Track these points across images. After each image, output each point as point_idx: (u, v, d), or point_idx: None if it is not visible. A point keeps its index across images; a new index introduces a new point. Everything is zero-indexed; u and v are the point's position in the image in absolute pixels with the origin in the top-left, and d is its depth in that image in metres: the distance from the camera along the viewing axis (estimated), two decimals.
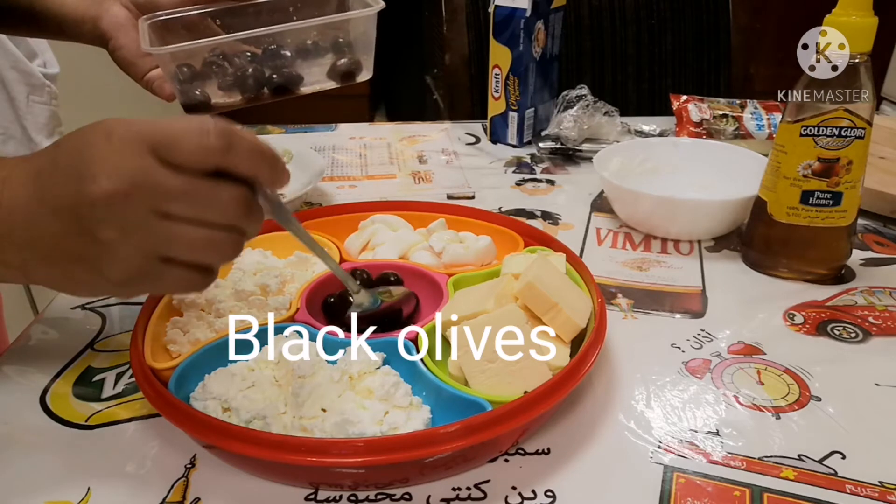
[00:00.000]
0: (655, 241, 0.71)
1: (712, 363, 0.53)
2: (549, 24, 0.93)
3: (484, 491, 0.42)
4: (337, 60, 0.61)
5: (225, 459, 0.43)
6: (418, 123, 1.08)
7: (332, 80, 0.62)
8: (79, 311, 0.60)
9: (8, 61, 1.05)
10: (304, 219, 0.65)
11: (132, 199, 0.34)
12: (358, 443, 0.39)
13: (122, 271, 0.36)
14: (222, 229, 0.37)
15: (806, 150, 0.58)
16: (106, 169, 0.34)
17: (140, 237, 0.35)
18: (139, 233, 0.35)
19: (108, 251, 0.35)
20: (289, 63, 0.60)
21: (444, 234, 0.62)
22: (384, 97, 2.98)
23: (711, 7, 1.20)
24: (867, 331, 0.56)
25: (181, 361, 0.47)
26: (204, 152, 0.35)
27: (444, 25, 1.17)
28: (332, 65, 0.61)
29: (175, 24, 0.59)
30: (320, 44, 0.61)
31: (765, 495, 0.41)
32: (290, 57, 0.60)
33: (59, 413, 0.48)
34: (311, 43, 0.60)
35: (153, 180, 0.34)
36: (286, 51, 0.59)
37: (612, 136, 0.92)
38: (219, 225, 0.37)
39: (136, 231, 0.35)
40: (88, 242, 0.35)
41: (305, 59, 0.61)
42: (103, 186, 0.34)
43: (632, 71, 1.23)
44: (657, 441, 0.45)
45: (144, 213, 0.35)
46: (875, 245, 0.70)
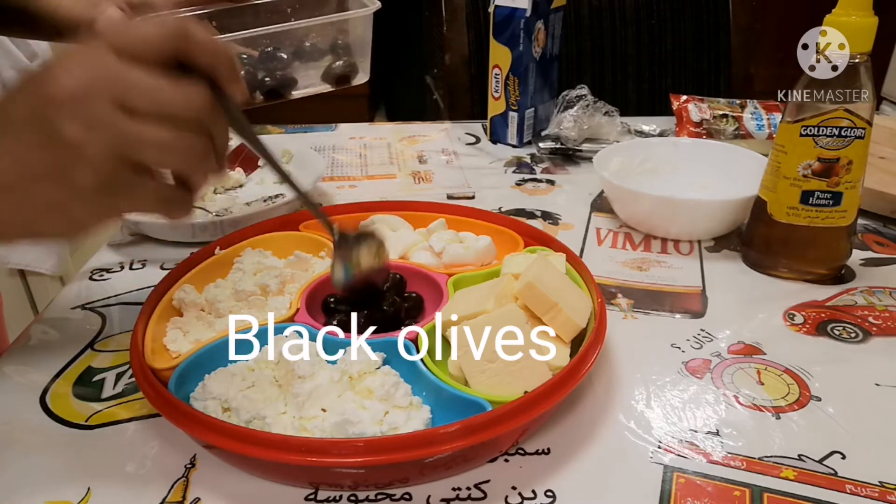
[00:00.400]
0: (655, 241, 0.71)
1: (712, 363, 0.53)
2: (549, 24, 0.93)
3: (484, 491, 0.42)
4: (333, 63, 0.61)
5: (225, 459, 0.43)
6: (418, 123, 1.08)
7: (327, 83, 0.61)
8: (79, 311, 0.60)
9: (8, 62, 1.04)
10: (304, 219, 0.65)
11: (94, 93, 0.34)
12: (358, 443, 0.39)
13: (92, 177, 0.35)
14: (188, 128, 0.36)
15: (806, 150, 0.58)
16: (67, 69, 0.34)
17: (106, 133, 0.35)
18: (105, 129, 0.34)
19: (76, 154, 0.35)
20: (285, 65, 0.60)
21: (444, 234, 0.62)
22: (384, 97, 2.98)
23: (711, 7, 1.20)
24: (867, 331, 0.56)
25: (181, 361, 0.47)
26: (161, 38, 0.35)
27: (444, 25, 1.17)
28: (328, 68, 0.61)
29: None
30: (318, 45, 0.61)
31: (765, 495, 0.41)
32: (286, 59, 0.59)
33: (59, 413, 0.48)
34: (308, 45, 0.60)
35: (114, 72, 0.34)
36: (283, 53, 0.59)
37: (612, 136, 0.92)
38: (184, 121, 0.36)
39: (102, 127, 0.34)
40: (56, 148, 0.35)
41: (302, 61, 0.61)
42: (65, 84, 0.34)
43: (632, 71, 1.23)
44: (657, 441, 0.45)
45: (108, 106, 0.34)
46: (875, 245, 0.70)
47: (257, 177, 0.85)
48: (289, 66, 0.60)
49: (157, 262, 0.68)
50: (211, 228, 0.69)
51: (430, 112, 2.17)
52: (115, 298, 0.62)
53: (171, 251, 0.69)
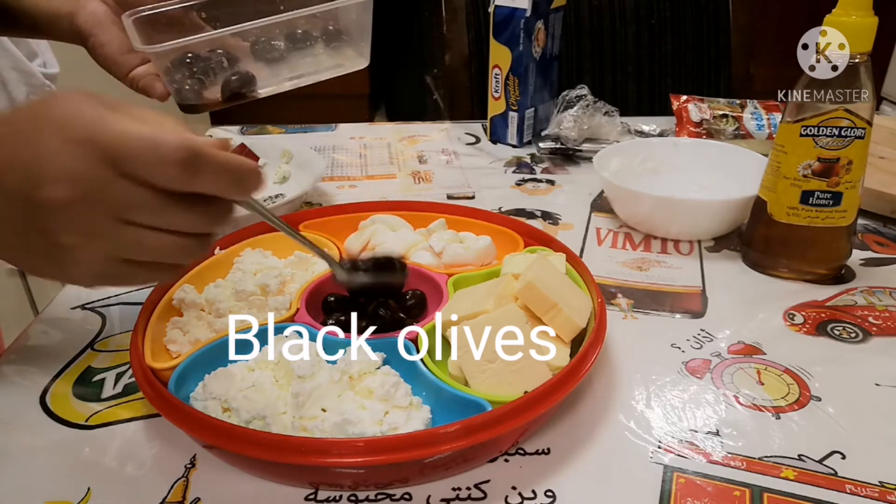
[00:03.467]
0: (655, 241, 0.71)
1: (712, 363, 0.53)
2: (549, 24, 0.93)
3: (484, 491, 0.42)
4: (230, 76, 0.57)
5: (225, 459, 0.43)
6: (418, 123, 1.08)
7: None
8: (79, 311, 0.60)
9: (8, 62, 1.04)
10: (304, 219, 0.65)
11: (91, 209, 0.33)
12: (358, 443, 0.39)
13: (86, 273, 0.35)
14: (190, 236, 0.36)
15: (806, 150, 0.58)
16: (59, 174, 0.32)
17: (103, 243, 0.34)
18: (102, 239, 0.34)
19: (70, 254, 0.34)
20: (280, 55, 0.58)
21: (444, 234, 0.62)
22: (384, 97, 2.98)
23: (711, 7, 1.20)
24: (867, 331, 0.56)
25: (181, 361, 0.47)
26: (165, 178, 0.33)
27: (444, 25, 1.17)
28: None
29: (159, 19, 0.57)
30: (312, 32, 0.59)
31: (765, 495, 0.41)
32: (282, 48, 0.58)
33: (59, 413, 0.48)
34: (300, 32, 0.58)
35: (112, 192, 0.33)
36: (278, 42, 0.58)
37: (612, 136, 0.92)
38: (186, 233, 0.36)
39: (99, 237, 0.34)
40: (50, 243, 0.34)
41: (299, 50, 0.59)
42: (58, 194, 0.32)
43: (632, 71, 1.23)
44: (657, 441, 0.45)
45: (106, 220, 0.33)
46: (875, 245, 0.70)
47: None
48: (284, 57, 0.58)
49: None
50: None
51: (430, 112, 2.17)
52: (115, 298, 0.62)
53: None
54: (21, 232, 0.35)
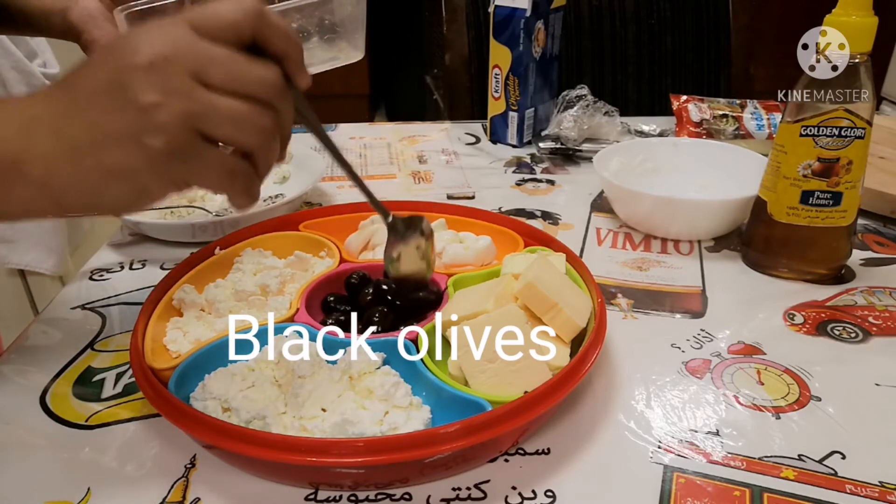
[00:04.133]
0: (655, 241, 0.71)
1: (712, 363, 0.53)
2: (549, 24, 0.93)
3: (484, 491, 0.42)
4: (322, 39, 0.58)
5: (225, 459, 0.43)
6: (418, 123, 1.08)
7: None
8: (79, 311, 0.60)
9: (8, 61, 1.05)
10: (304, 219, 0.65)
11: (172, 63, 0.35)
12: (358, 443, 0.39)
13: (163, 142, 0.35)
14: (260, 105, 0.37)
15: (806, 150, 0.58)
16: (146, 40, 0.35)
17: (181, 101, 0.35)
18: (180, 96, 0.35)
19: (149, 118, 0.35)
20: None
21: (444, 234, 0.62)
22: (384, 97, 2.98)
23: (711, 7, 1.20)
24: (867, 331, 0.56)
25: (181, 361, 0.47)
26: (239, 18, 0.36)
27: (444, 25, 1.17)
28: None
29: (152, 13, 0.56)
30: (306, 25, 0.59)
31: (765, 495, 0.41)
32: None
33: (59, 413, 0.48)
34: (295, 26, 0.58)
35: (194, 46, 0.35)
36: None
37: (612, 136, 0.92)
38: (257, 97, 0.36)
39: (177, 94, 0.35)
40: (130, 112, 0.35)
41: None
42: (144, 52, 0.35)
43: (632, 71, 1.23)
44: (657, 441, 0.45)
45: (185, 76, 0.35)
46: (875, 245, 0.70)
47: None
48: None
49: (157, 262, 0.68)
50: (211, 228, 0.69)
51: (430, 112, 2.17)
52: (115, 298, 0.62)
53: (171, 251, 0.69)
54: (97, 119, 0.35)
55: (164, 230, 0.70)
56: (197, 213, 0.74)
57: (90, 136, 0.36)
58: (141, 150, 0.35)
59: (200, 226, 0.69)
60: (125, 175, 0.36)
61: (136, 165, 0.36)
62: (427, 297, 0.54)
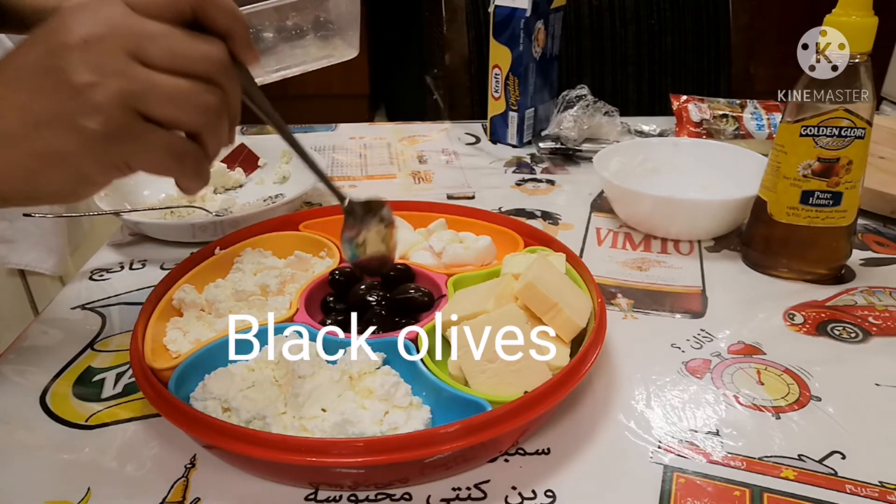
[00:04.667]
0: (655, 241, 0.71)
1: (712, 363, 0.53)
2: (549, 24, 0.93)
3: (484, 491, 0.42)
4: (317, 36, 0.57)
5: (225, 459, 0.43)
6: (418, 123, 1.08)
7: None
8: (79, 311, 0.60)
9: None
10: (304, 219, 0.65)
11: (107, 40, 0.33)
12: (358, 443, 0.39)
13: (100, 124, 0.33)
14: (202, 81, 0.35)
15: (806, 150, 0.58)
16: (78, 18, 0.34)
17: (117, 80, 0.33)
18: (116, 75, 0.33)
19: (85, 99, 0.33)
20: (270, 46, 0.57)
21: (444, 234, 0.62)
22: (384, 97, 2.98)
23: (711, 7, 1.20)
24: (867, 331, 0.56)
25: (181, 361, 0.47)
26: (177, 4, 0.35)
27: (444, 25, 1.17)
28: None
29: None
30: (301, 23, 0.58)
31: (765, 495, 0.41)
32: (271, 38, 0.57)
33: (59, 413, 0.48)
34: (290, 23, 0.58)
35: (130, 23, 0.34)
36: (267, 33, 0.57)
37: (612, 136, 0.92)
38: (199, 74, 0.35)
39: (113, 73, 0.33)
40: (63, 94, 0.33)
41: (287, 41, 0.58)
42: (76, 31, 0.33)
43: (632, 71, 1.23)
44: (657, 441, 0.45)
45: (121, 54, 0.33)
46: (875, 245, 0.70)
47: (257, 177, 0.85)
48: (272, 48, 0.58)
49: (157, 262, 0.68)
50: (211, 228, 0.69)
51: (430, 112, 2.17)
52: (115, 298, 0.62)
53: (171, 251, 0.69)
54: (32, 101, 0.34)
55: (164, 230, 0.70)
56: (197, 213, 0.74)
57: (22, 119, 0.34)
58: (76, 133, 0.34)
59: (200, 226, 0.69)
60: (61, 160, 0.35)
61: (72, 149, 0.34)
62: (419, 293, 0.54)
